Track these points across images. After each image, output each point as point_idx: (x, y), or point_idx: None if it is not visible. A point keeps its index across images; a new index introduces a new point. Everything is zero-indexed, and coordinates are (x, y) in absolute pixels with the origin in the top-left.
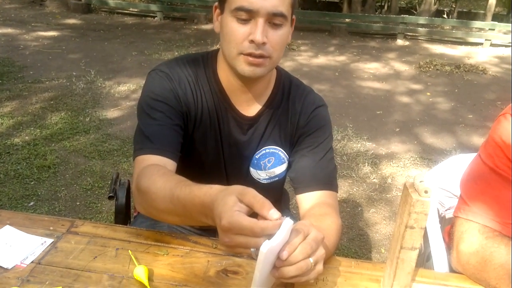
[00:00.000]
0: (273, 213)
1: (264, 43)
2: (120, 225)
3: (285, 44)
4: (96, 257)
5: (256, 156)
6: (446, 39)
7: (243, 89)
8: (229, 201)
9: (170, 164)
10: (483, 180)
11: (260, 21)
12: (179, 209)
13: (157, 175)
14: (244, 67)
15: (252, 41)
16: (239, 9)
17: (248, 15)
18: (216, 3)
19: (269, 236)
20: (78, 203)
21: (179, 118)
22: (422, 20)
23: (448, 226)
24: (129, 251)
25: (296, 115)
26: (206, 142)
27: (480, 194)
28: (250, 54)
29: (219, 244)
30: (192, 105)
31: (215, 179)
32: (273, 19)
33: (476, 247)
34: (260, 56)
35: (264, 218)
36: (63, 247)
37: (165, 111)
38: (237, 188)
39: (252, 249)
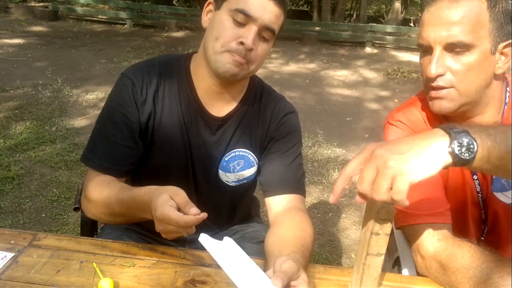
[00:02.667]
0: (193, 210)
1: (251, 49)
2: (85, 237)
3: (264, 59)
4: (59, 270)
5: (225, 158)
6: (413, 46)
7: (218, 90)
8: (163, 197)
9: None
10: None
11: (254, 28)
12: (124, 210)
13: (103, 186)
14: (225, 63)
15: (241, 43)
16: (240, 11)
17: (245, 19)
18: None
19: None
20: (43, 215)
21: (135, 127)
22: (389, 28)
23: None
24: (94, 263)
25: (266, 121)
26: (173, 144)
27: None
28: (235, 53)
29: (156, 230)
30: (156, 107)
31: (183, 181)
32: (264, 32)
33: (433, 251)
34: (244, 57)
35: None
36: (25, 261)
37: (119, 122)
38: (171, 188)
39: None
